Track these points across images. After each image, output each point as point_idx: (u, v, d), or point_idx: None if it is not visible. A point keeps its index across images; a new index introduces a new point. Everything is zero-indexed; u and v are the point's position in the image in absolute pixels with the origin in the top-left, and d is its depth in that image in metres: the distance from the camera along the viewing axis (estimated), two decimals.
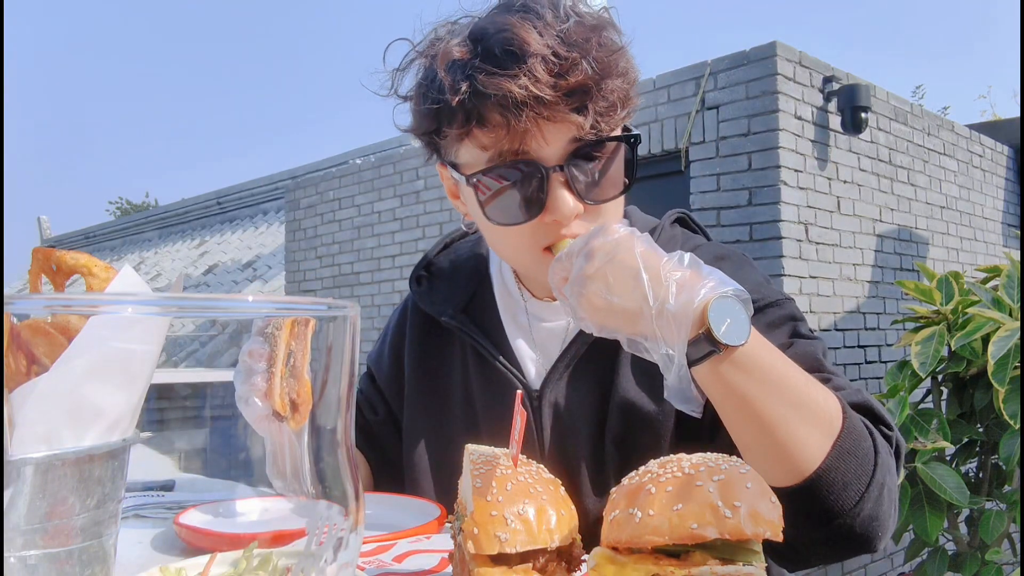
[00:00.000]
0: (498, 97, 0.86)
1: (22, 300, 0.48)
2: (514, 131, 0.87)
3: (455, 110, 0.89)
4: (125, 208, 26.31)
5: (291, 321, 0.56)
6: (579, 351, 1.05)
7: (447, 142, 0.95)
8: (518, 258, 1.02)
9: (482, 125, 0.88)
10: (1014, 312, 3.19)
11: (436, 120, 0.93)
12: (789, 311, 1.02)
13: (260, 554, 0.55)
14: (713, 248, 1.10)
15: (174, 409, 0.66)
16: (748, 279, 1.02)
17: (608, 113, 0.90)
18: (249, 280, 8.59)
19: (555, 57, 0.86)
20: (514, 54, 0.86)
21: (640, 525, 0.50)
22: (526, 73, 0.85)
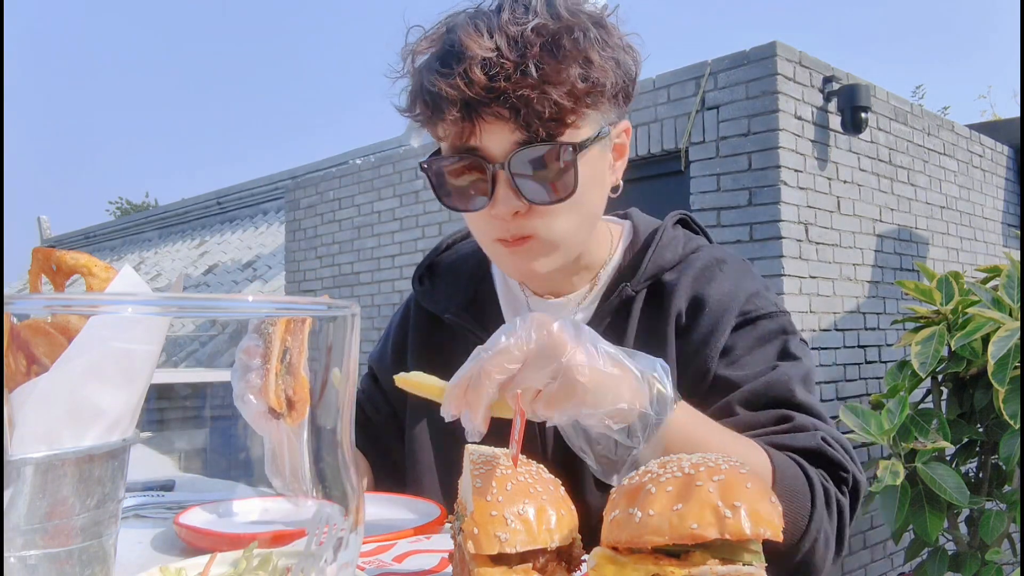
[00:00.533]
0: (439, 94, 0.91)
1: (22, 300, 0.48)
2: (461, 126, 0.92)
3: (416, 101, 0.96)
4: (125, 208, 26.30)
5: (286, 318, 0.56)
6: None
7: (424, 126, 1.00)
8: (480, 244, 1.05)
9: (435, 118, 0.94)
10: (1014, 312, 3.19)
11: (411, 106, 0.99)
12: (781, 324, 1.03)
13: (260, 554, 0.55)
14: (713, 251, 1.10)
15: (174, 409, 0.66)
16: (745, 286, 1.05)
17: (555, 119, 0.90)
18: (249, 280, 8.59)
19: (494, 60, 0.88)
20: (456, 55, 0.91)
21: (640, 525, 0.50)
22: (461, 75, 0.89)
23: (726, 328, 1.01)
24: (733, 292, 1.03)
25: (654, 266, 1.07)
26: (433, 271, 1.23)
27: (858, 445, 3.99)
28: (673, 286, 1.05)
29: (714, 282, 1.05)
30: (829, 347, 3.99)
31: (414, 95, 0.97)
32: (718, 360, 1.00)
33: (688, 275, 1.06)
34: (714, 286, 1.04)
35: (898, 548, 4.03)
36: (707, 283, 1.05)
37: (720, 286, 1.04)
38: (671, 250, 1.09)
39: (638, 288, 1.06)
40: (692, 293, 1.04)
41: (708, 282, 1.05)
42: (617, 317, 1.07)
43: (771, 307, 1.04)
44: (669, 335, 1.03)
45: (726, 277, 1.05)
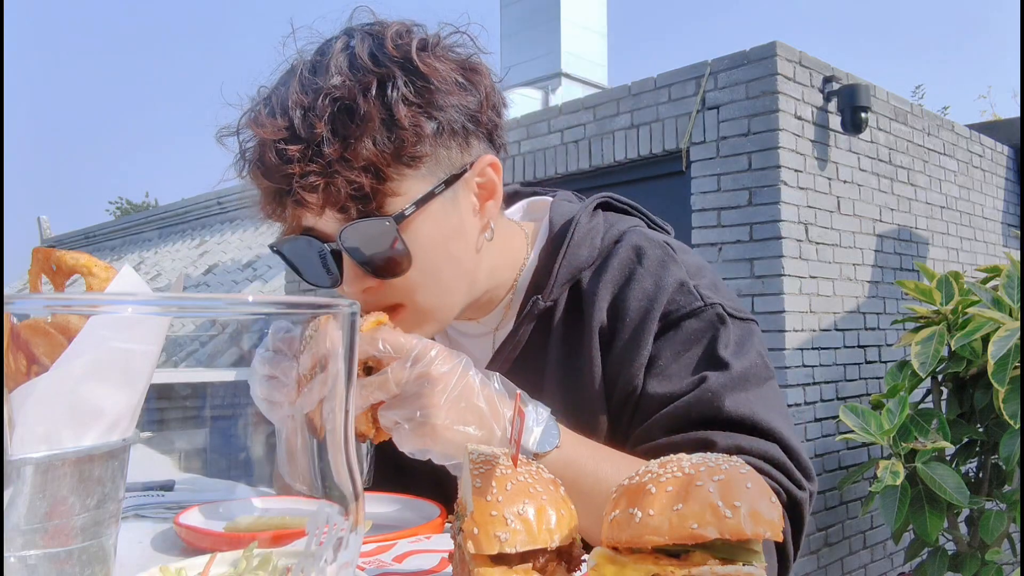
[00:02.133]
0: (250, 183, 0.88)
1: (22, 300, 0.48)
2: (280, 213, 0.88)
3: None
4: (125, 208, 26.31)
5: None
6: (503, 368, 1.01)
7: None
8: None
9: (264, 202, 0.89)
10: (1014, 312, 3.19)
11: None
12: (708, 320, 0.95)
13: (260, 554, 0.55)
14: (634, 238, 1.01)
15: (174, 409, 0.66)
16: (667, 281, 0.96)
17: (359, 196, 0.83)
18: (249, 280, 8.59)
19: (286, 142, 0.82)
20: (250, 145, 0.87)
21: (640, 525, 0.50)
22: (257, 163, 0.86)
23: (648, 338, 0.94)
24: (653, 293, 0.95)
25: (568, 269, 0.99)
26: None
27: (858, 445, 4.00)
28: (592, 290, 0.98)
29: (632, 281, 0.97)
30: (829, 347, 3.99)
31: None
32: (643, 373, 0.94)
33: (606, 276, 0.98)
34: (633, 287, 0.96)
35: (898, 548, 4.03)
36: (625, 284, 0.97)
37: (639, 286, 0.96)
38: (587, 245, 1.00)
39: (553, 297, 0.99)
40: (611, 297, 0.97)
41: (626, 282, 0.97)
42: (537, 330, 1.01)
43: (695, 302, 0.95)
44: (593, 351, 0.96)
45: (646, 273, 0.97)
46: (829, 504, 3.94)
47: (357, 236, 0.85)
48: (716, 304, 0.96)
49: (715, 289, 0.99)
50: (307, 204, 0.83)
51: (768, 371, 0.96)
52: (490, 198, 0.95)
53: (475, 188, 0.93)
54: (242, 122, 0.89)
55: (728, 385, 0.91)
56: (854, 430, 3.19)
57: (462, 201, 0.92)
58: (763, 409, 0.91)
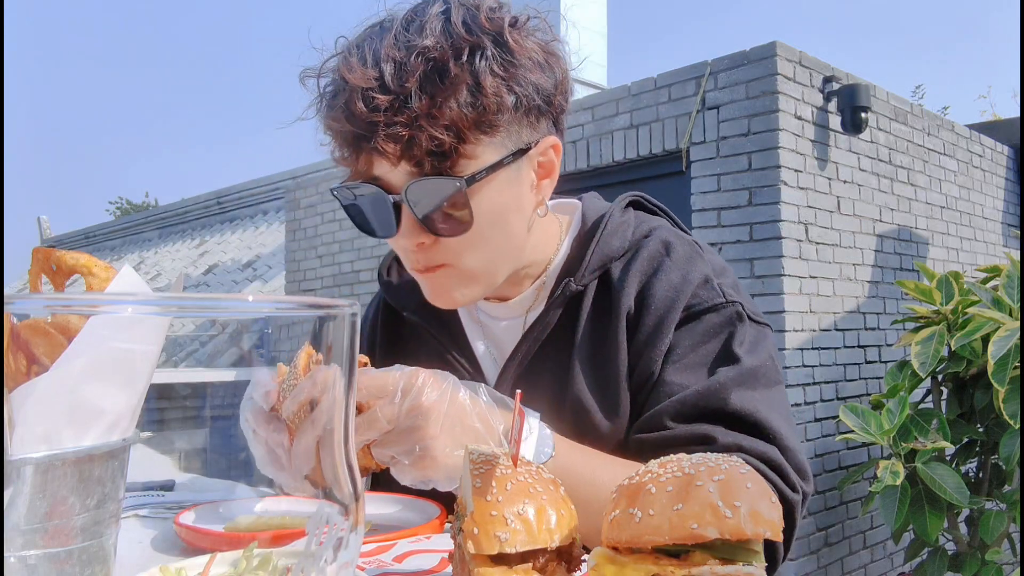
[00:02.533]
0: (329, 127, 0.91)
1: (22, 300, 0.48)
2: (354, 159, 0.91)
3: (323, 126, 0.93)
4: (125, 208, 26.30)
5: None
6: (531, 349, 1.04)
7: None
8: (407, 268, 1.03)
9: (337, 147, 0.92)
10: (1014, 312, 3.19)
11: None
12: (727, 316, 0.98)
13: (260, 554, 0.55)
14: (663, 234, 1.06)
15: (174, 409, 0.66)
16: (693, 275, 1.00)
17: (438, 153, 0.86)
18: (249, 280, 8.58)
19: (375, 91, 0.85)
20: (339, 87, 0.89)
21: (640, 525, 0.50)
22: (342, 108, 0.87)
23: (670, 327, 0.98)
24: (679, 285, 0.99)
25: (600, 256, 1.03)
26: (399, 266, 1.21)
27: (858, 445, 4.00)
28: (622, 279, 1.02)
29: (660, 273, 1.01)
30: (829, 347, 3.99)
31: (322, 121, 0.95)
32: (662, 361, 0.97)
33: (635, 266, 1.02)
34: (660, 278, 1.00)
35: (898, 548, 4.03)
36: (653, 275, 1.01)
37: (667, 278, 1.00)
38: (619, 237, 1.05)
39: (584, 282, 1.03)
40: (639, 286, 1.01)
41: (654, 273, 1.01)
42: (567, 315, 1.04)
43: (717, 298, 0.99)
44: (620, 336, 1.00)
45: (674, 266, 1.01)
46: (829, 504, 3.94)
47: (424, 191, 0.88)
48: (737, 303, 1.00)
49: (736, 290, 1.03)
50: (385, 153, 0.86)
51: (777, 375, 0.99)
52: (547, 177, 1.00)
53: (536, 165, 0.97)
54: (329, 65, 0.92)
55: (737, 380, 0.94)
56: (854, 430, 3.19)
57: (524, 176, 0.96)
58: (767, 409, 0.94)
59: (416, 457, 0.77)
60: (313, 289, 6.70)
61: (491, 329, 1.11)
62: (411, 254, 0.94)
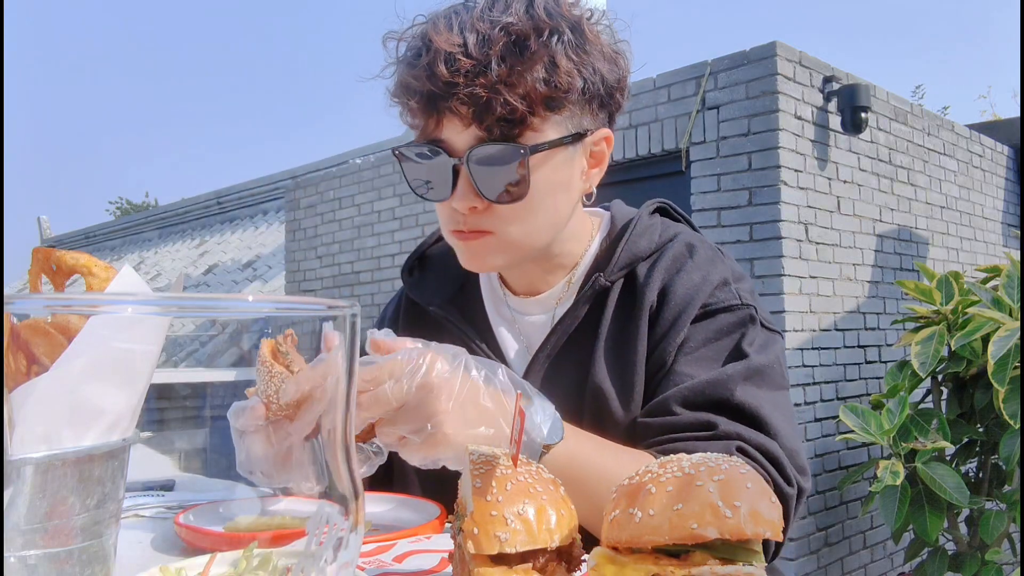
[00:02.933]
0: (407, 85, 0.95)
1: (22, 300, 0.48)
2: (425, 118, 0.95)
3: (396, 88, 0.99)
4: (125, 208, 26.30)
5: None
6: (559, 341, 1.08)
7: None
8: (443, 232, 1.08)
9: (405, 107, 0.98)
10: (1014, 312, 3.19)
11: (393, 92, 1.01)
12: (741, 318, 1.03)
13: (260, 554, 0.55)
14: (688, 237, 1.11)
15: (174, 409, 0.66)
16: (713, 277, 1.05)
17: (509, 119, 0.91)
18: (249, 280, 8.58)
19: (457, 56, 0.90)
20: (424, 48, 0.93)
21: (640, 525, 0.50)
22: (425, 67, 0.92)
23: (686, 321, 1.02)
24: (699, 284, 1.04)
25: (628, 255, 1.08)
26: (423, 262, 1.25)
27: (858, 445, 4.00)
28: (646, 277, 1.06)
29: (683, 272, 1.05)
30: (829, 347, 3.99)
31: (395, 83, 1.00)
32: (675, 353, 1.01)
33: (660, 266, 1.07)
34: (682, 277, 1.05)
35: (898, 548, 4.03)
36: (676, 273, 1.06)
37: (688, 277, 1.05)
38: (646, 239, 1.09)
39: (612, 278, 1.07)
40: (662, 284, 1.05)
41: (677, 272, 1.06)
42: (593, 309, 1.08)
43: (733, 300, 1.04)
44: (642, 328, 1.04)
45: (695, 267, 1.06)
46: (829, 504, 3.94)
47: (488, 156, 0.92)
48: (751, 307, 1.05)
49: (752, 296, 1.07)
50: (458, 114, 0.91)
51: (783, 380, 1.04)
52: (597, 167, 1.06)
53: (588, 154, 1.03)
54: (412, 31, 0.98)
55: (744, 374, 0.98)
56: (854, 430, 3.19)
57: (577, 161, 1.01)
58: (770, 408, 0.97)
59: (427, 435, 0.76)
60: (313, 289, 6.70)
61: (520, 323, 1.15)
62: (460, 217, 0.98)
